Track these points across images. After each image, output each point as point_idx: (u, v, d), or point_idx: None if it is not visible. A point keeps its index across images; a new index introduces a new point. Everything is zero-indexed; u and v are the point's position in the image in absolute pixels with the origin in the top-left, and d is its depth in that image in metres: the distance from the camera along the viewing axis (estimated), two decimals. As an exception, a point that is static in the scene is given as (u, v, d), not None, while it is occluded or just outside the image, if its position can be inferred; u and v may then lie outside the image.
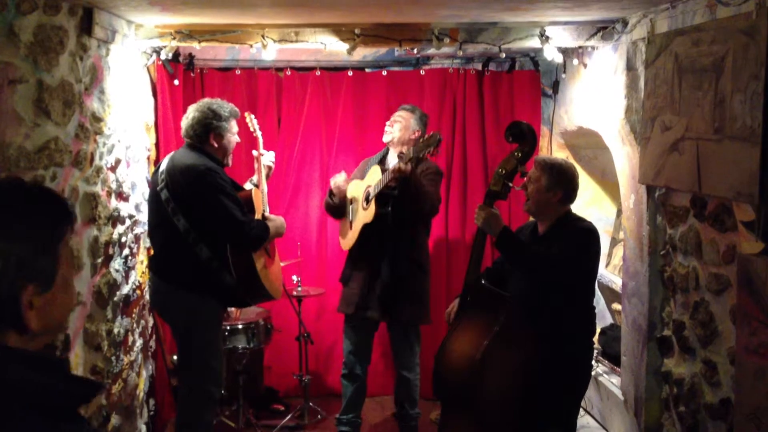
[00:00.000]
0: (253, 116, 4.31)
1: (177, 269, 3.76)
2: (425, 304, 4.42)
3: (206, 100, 3.94)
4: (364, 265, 4.33)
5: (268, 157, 4.17)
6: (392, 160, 4.34)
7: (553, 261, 3.36)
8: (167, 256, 3.82)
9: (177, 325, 4.00)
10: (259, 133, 4.24)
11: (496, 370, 3.28)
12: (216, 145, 3.82)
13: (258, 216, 3.92)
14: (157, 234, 3.88)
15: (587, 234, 3.47)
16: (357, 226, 4.30)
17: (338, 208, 4.46)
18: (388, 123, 4.42)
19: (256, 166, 4.15)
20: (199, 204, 3.66)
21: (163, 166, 3.81)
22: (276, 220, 3.98)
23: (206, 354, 3.79)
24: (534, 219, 3.68)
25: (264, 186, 4.10)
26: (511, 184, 3.51)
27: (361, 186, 4.36)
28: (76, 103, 3.23)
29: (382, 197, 4.14)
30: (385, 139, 4.41)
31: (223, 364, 4.11)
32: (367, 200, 4.24)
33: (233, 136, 3.90)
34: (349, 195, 4.41)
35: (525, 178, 3.54)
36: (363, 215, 4.26)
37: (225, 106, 3.86)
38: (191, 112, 3.85)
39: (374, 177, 4.26)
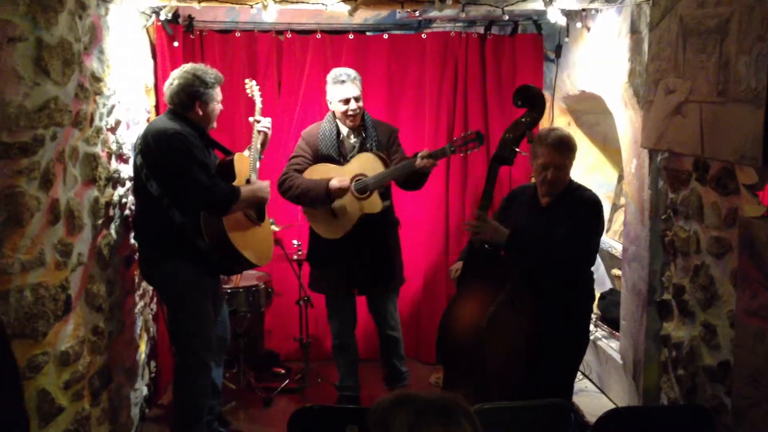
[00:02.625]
0: (254, 82, 4.25)
1: (154, 235, 3.78)
2: (402, 263, 4.52)
3: (189, 65, 3.87)
4: (347, 246, 4.27)
5: (263, 124, 4.12)
6: (351, 138, 4.32)
7: (565, 244, 3.34)
8: (144, 221, 3.83)
9: (162, 291, 4.06)
10: (258, 101, 4.17)
11: (500, 337, 3.29)
12: (201, 112, 3.78)
13: (241, 182, 3.87)
14: (136, 200, 3.91)
15: (595, 207, 3.46)
16: (353, 216, 4.21)
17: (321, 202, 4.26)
18: (352, 110, 4.23)
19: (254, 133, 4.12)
20: (166, 168, 3.65)
21: (141, 132, 3.83)
22: (254, 185, 3.90)
23: (193, 320, 3.79)
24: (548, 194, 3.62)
25: (256, 152, 4.03)
26: (517, 150, 3.47)
27: (341, 171, 4.23)
28: (76, 63, 3.20)
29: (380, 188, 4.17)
30: (354, 123, 4.27)
31: (224, 328, 4.13)
32: (363, 191, 4.17)
33: (218, 104, 3.85)
34: (318, 177, 4.24)
35: (525, 150, 3.51)
36: (365, 206, 4.19)
37: (210, 72, 3.81)
38: (174, 79, 3.79)
39: (368, 165, 4.19)
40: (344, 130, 4.33)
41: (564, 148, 3.45)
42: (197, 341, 3.81)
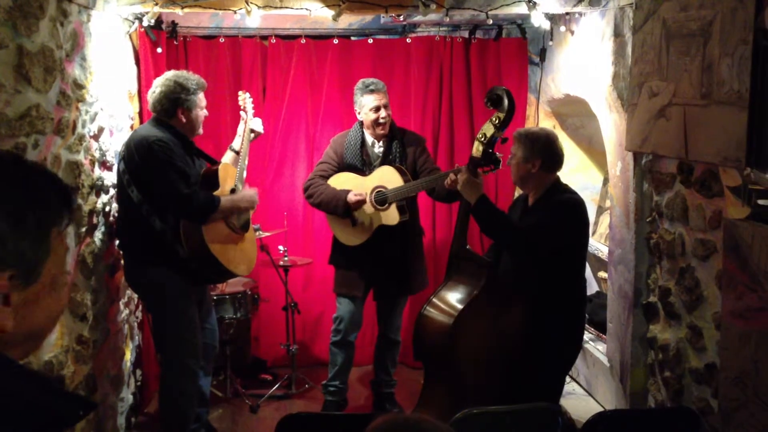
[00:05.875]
0: (248, 95, 4.19)
1: (135, 241, 3.77)
2: (424, 270, 4.56)
3: (171, 72, 3.86)
4: (366, 253, 4.31)
5: (255, 122, 4.11)
6: (375, 147, 4.33)
7: (527, 234, 3.30)
8: (125, 228, 3.82)
9: (145, 298, 4.05)
10: (250, 114, 4.12)
11: (469, 336, 3.28)
12: (184, 119, 3.76)
13: (224, 191, 3.83)
14: (118, 206, 3.90)
15: (565, 207, 3.35)
16: (371, 227, 4.26)
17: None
18: (383, 118, 4.24)
19: (241, 128, 4.10)
20: (146, 175, 3.63)
21: (125, 139, 3.82)
22: (236, 195, 3.87)
23: (178, 326, 3.76)
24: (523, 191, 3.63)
25: (244, 159, 3.99)
26: (491, 151, 3.44)
27: (362, 182, 4.26)
28: (57, 70, 3.18)
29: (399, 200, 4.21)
30: (384, 131, 4.28)
31: (213, 336, 4.10)
32: (382, 203, 4.20)
33: (201, 110, 3.83)
34: (339, 187, 4.28)
35: (504, 145, 3.49)
36: (383, 218, 4.22)
37: (192, 79, 3.80)
38: (157, 87, 3.79)
39: (387, 177, 4.21)
40: (369, 139, 4.35)
41: (521, 138, 3.42)
42: (183, 348, 3.78)
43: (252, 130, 4.10)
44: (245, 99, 4.17)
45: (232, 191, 3.88)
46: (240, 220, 3.95)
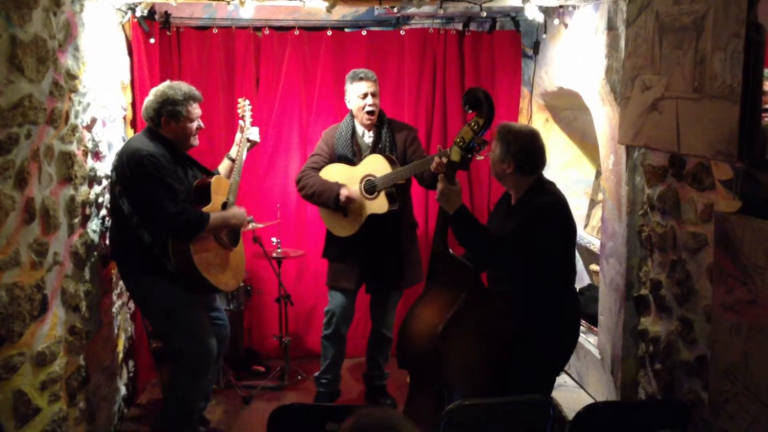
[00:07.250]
0: (247, 102, 4.16)
1: (125, 251, 3.77)
2: (419, 264, 4.53)
3: (165, 83, 3.83)
4: (357, 244, 4.32)
5: (252, 132, 4.09)
6: (365, 136, 4.34)
7: (503, 245, 3.18)
8: (116, 236, 3.81)
9: (142, 306, 4.01)
10: (248, 121, 4.10)
11: (458, 343, 3.19)
12: (170, 129, 3.73)
13: (216, 205, 3.81)
14: (110, 214, 3.88)
15: (542, 212, 3.20)
16: (361, 216, 4.26)
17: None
18: (370, 105, 4.25)
19: (238, 137, 4.09)
20: (135, 189, 3.62)
21: (119, 148, 3.81)
22: (227, 212, 3.84)
23: (189, 332, 3.75)
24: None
25: (239, 172, 3.98)
26: (470, 156, 3.27)
27: (352, 172, 4.27)
28: (50, 60, 3.16)
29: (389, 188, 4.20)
30: (372, 120, 4.28)
31: (223, 327, 4.10)
32: (371, 191, 4.21)
33: (192, 122, 3.78)
34: (330, 179, 4.29)
35: (486, 149, 3.37)
36: (372, 206, 4.23)
37: (181, 89, 3.75)
38: (149, 95, 3.78)
39: (376, 165, 4.21)
40: (360, 129, 4.36)
41: (501, 135, 3.30)
42: (197, 349, 3.76)
43: (248, 140, 4.09)
44: (244, 107, 4.14)
45: (224, 205, 3.87)
46: (230, 234, 3.93)
